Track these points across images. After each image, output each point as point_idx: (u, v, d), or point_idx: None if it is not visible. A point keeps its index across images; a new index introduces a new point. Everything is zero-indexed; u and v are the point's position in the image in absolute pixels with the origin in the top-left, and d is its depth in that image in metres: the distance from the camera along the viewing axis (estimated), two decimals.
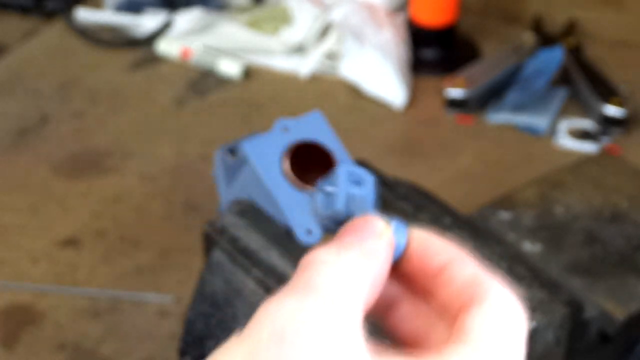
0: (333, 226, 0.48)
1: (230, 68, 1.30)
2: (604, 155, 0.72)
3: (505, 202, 0.75)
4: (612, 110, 1.16)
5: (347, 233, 0.41)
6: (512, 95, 1.20)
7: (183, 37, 1.35)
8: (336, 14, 1.28)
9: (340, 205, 0.49)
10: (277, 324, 0.35)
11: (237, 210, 0.60)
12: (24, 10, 1.46)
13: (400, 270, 0.41)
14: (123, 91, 1.28)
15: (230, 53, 1.33)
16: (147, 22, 1.37)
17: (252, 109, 1.25)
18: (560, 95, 1.23)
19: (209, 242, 0.61)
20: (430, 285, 0.40)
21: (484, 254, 0.46)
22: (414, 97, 1.25)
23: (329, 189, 0.52)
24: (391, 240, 0.40)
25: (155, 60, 1.34)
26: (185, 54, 1.32)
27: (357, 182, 0.52)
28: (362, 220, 0.42)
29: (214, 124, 1.22)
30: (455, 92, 1.21)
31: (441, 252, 0.40)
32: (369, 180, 0.51)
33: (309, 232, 0.50)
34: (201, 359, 0.59)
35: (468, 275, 0.39)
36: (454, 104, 1.21)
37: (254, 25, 1.34)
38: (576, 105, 1.22)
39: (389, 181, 0.71)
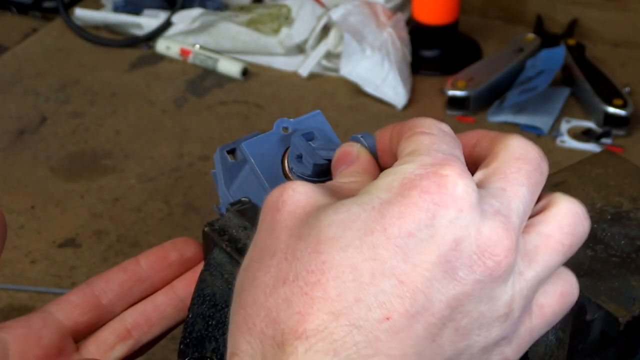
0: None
1: (230, 68, 1.29)
2: (606, 155, 0.72)
3: None
4: (614, 110, 1.16)
5: (335, 166, 0.49)
6: (513, 95, 1.19)
7: (183, 37, 1.34)
8: (336, 14, 1.28)
9: (312, 161, 0.55)
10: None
11: (237, 210, 0.60)
12: (22, 9, 1.46)
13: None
14: (122, 91, 1.28)
15: (230, 53, 1.32)
16: (146, 22, 1.37)
17: (252, 109, 1.24)
18: (562, 95, 1.22)
19: (208, 243, 0.60)
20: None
21: None
22: (414, 96, 1.25)
23: (296, 153, 0.56)
24: (366, 154, 0.49)
25: (155, 60, 1.34)
26: (185, 53, 1.32)
27: (310, 138, 0.57)
28: (341, 154, 0.49)
29: (214, 124, 1.21)
30: (456, 92, 1.20)
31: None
32: (316, 131, 0.58)
33: None
34: None
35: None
36: (454, 103, 1.21)
37: (254, 25, 1.34)
38: (578, 105, 1.22)
39: None
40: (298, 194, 0.42)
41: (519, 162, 0.43)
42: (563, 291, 0.44)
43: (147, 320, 0.64)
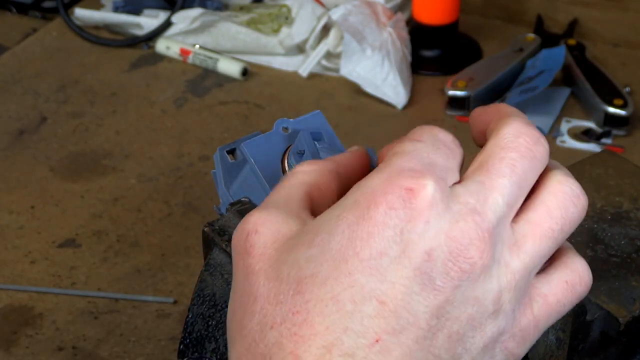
0: None
1: (230, 68, 1.29)
2: (606, 155, 0.72)
3: None
4: (614, 110, 1.16)
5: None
6: (513, 95, 1.19)
7: (183, 37, 1.34)
8: (336, 14, 1.28)
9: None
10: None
11: (237, 210, 0.60)
12: (22, 9, 1.45)
13: None
14: (122, 91, 1.28)
15: (230, 53, 1.32)
16: (146, 22, 1.37)
17: (252, 109, 1.24)
18: (563, 95, 1.22)
19: (208, 243, 0.60)
20: None
21: None
22: (414, 96, 1.25)
23: (299, 149, 0.56)
24: (360, 151, 0.49)
25: (155, 60, 1.34)
26: (184, 53, 1.32)
27: (318, 139, 0.57)
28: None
29: (214, 124, 1.21)
30: (456, 92, 1.20)
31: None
32: (325, 131, 0.59)
33: None
34: None
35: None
36: (455, 103, 1.21)
37: (254, 25, 1.34)
38: (578, 105, 1.22)
39: None
40: (263, 235, 0.42)
41: (504, 151, 0.42)
42: (570, 280, 0.43)
43: None
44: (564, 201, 0.43)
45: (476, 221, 0.40)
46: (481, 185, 0.41)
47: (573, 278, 0.43)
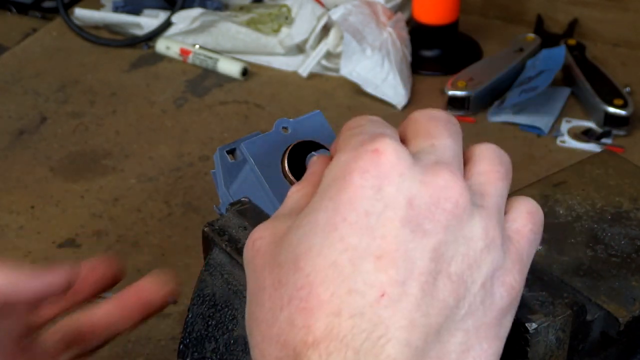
0: None
1: (230, 68, 1.29)
2: (606, 155, 0.72)
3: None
4: (614, 110, 1.16)
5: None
6: (513, 96, 1.19)
7: (183, 37, 1.34)
8: (336, 14, 1.28)
9: None
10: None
11: (237, 210, 0.60)
12: (22, 9, 1.45)
13: None
14: (122, 91, 1.28)
15: (230, 53, 1.32)
16: (146, 22, 1.37)
17: (252, 109, 1.24)
18: (563, 95, 1.22)
19: (208, 243, 0.61)
20: None
21: None
22: (414, 96, 1.25)
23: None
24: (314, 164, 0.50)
25: (155, 60, 1.34)
26: (184, 53, 1.32)
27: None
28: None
29: (214, 124, 1.21)
30: (456, 92, 1.20)
31: None
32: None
33: None
34: None
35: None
36: (455, 104, 1.21)
37: (254, 25, 1.34)
38: (578, 105, 1.22)
39: None
40: (264, 239, 0.45)
41: (432, 121, 0.47)
42: (529, 210, 0.47)
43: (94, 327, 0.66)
44: (496, 152, 0.48)
45: (445, 167, 0.43)
46: (433, 147, 0.45)
47: (530, 207, 0.47)
